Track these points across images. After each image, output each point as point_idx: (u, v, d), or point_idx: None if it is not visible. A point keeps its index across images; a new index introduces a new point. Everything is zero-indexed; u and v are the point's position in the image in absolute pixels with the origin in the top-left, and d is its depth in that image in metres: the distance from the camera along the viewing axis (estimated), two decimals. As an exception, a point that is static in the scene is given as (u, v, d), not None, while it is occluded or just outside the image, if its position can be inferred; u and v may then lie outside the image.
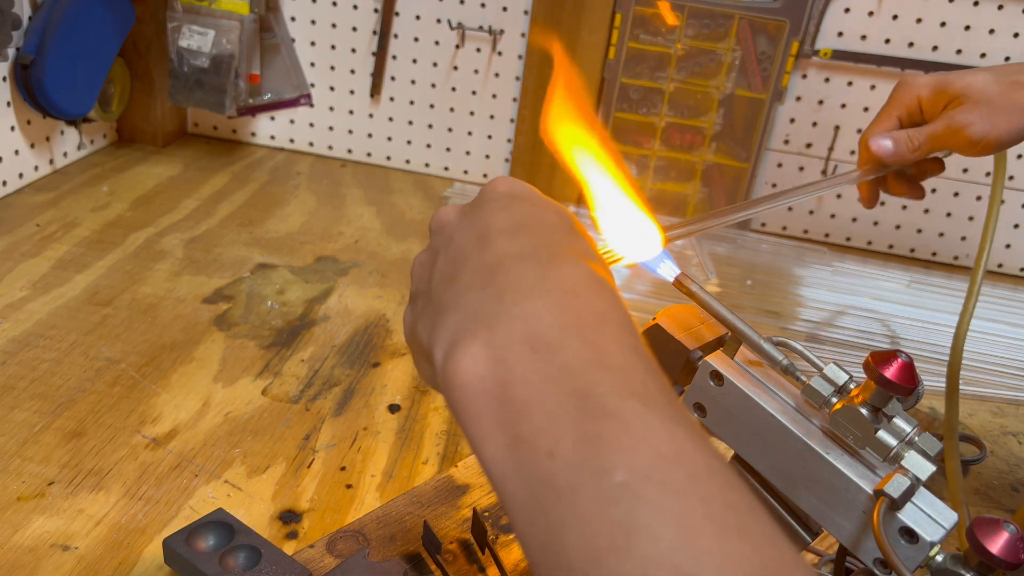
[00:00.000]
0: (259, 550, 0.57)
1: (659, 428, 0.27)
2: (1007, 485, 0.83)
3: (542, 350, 0.29)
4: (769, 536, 0.25)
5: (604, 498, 0.25)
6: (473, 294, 0.32)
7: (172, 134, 1.42)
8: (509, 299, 0.30)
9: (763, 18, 1.23)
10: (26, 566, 0.59)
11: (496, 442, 0.28)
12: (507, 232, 0.33)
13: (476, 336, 0.30)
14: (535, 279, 0.31)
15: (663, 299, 1.06)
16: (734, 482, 0.26)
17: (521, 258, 0.32)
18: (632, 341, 0.30)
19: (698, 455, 0.26)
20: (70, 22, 1.11)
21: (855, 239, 1.38)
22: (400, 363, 0.89)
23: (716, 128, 1.31)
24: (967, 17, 1.22)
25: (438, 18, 1.34)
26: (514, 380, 0.28)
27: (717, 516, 0.25)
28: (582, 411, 0.27)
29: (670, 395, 0.29)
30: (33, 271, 0.97)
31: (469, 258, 0.33)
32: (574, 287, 0.31)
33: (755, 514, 0.26)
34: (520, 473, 0.27)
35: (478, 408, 0.29)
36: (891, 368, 0.38)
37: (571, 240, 0.34)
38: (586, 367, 0.28)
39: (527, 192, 0.37)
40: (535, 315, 0.30)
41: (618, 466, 0.25)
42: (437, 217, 0.37)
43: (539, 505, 0.26)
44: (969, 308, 0.74)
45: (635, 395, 0.27)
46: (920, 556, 0.38)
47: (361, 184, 1.37)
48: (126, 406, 0.77)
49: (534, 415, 0.28)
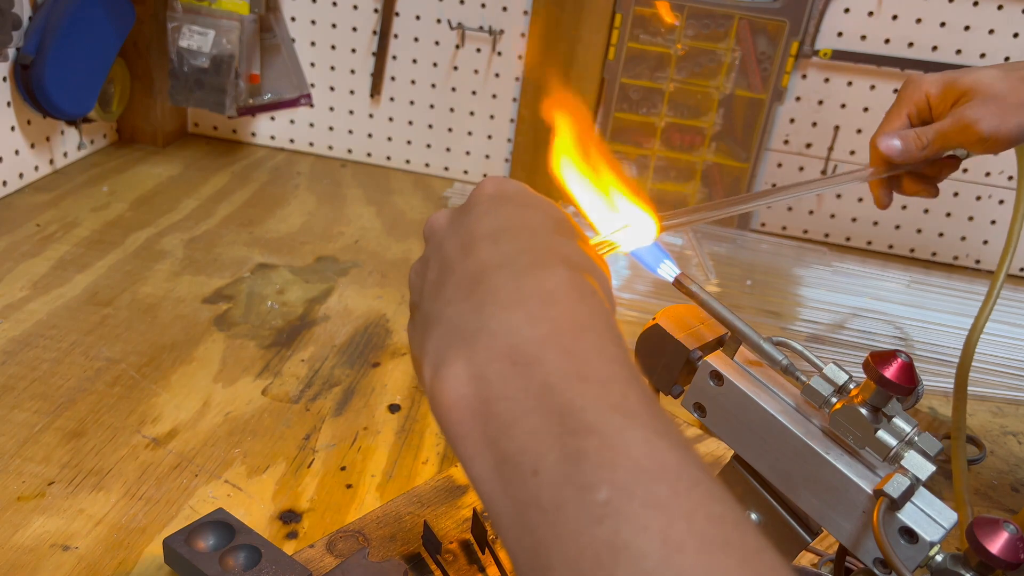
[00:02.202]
0: (259, 550, 0.57)
1: (640, 442, 0.27)
2: (1007, 485, 0.83)
3: (521, 365, 0.29)
4: (755, 549, 0.25)
5: (588, 516, 0.25)
6: (456, 307, 0.32)
7: (172, 134, 1.42)
8: (488, 312, 0.30)
9: (763, 18, 1.23)
10: (26, 566, 0.59)
11: (483, 461, 0.28)
12: (490, 238, 0.33)
13: (459, 353, 0.30)
14: (513, 289, 0.31)
15: (663, 299, 1.06)
16: (718, 493, 0.26)
17: (501, 267, 0.32)
18: (612, 349, 0.30)
19: (682, 467, 0.26)
20: (70, 22, 1.11)
21: (855, 239, 1.38)
22: (400, 363, 0.89)
23: (716, 128, 1.31)
24: (967, 17, 1.22)
25: (438, 18, 1.34)
26: (496, 397, 0.29)
27: (701, 531, 0.25)
28: (563, 428, 0.27)
29: (652, 405, 0.29)
30: (33, 271, 0.97)
31: (455, 268, 0.33)
32: (552, 295, 0.31)
33: (741, 526, 0.26)
34: (507, 492, 0.27)
35: (464, 428, 0.29)
36: (891, 368, 0.38)
37: (555, 242, 0.34)
38: (566, 381, 0.28)
39: (515, 192, 0.36)
40: (514, 328, 0.30)
41: (601, 483, 0.25)
42: (429, 223, 0.37)
43: (525, 524, 0.27)
44: (986, 311, 0.73)
45: (616, 408, 0.27)
46: (920, 556, 0.38)
47: (361, 184, 1.37)
48: (126, 406, 0.77)
49: (517, 433, 0.28)
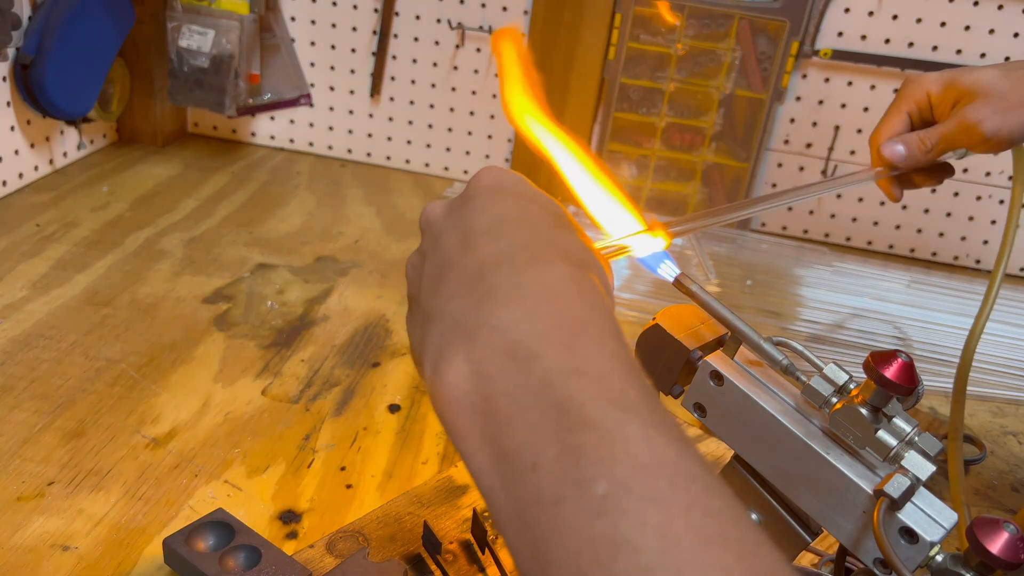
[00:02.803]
0: (259, 550, 0.57)
1: (639, 437, 0.27)
2: (1007, 485, 0.83)
3: (521, 360, 0.29)
4: (753, 543, 0.25)
5: (587, 511, 0.25)
6: (456, 303, 0.32)
7: (172, 134, 1.42)
8: (488, 308, 0.30)
9: (763, 18, 1.23)
10: (26, 566, 0.59)
11: (483, 456, 0.29)
12: (489, 233, 0.33)
13: (459, 349, 0.30)
14: (512, 285, 0.31)
15: (663, 299, 1.06)
16: (716, 488, 0.26)
17: (500, 263, 0.32)
18: (612, 344, 0.30)
19: (680, 462, 0.26)
20: (70, 22, 1.11)
21: (855, 239, 1.38)
22: (400, 363, 0.89)
23: (716, 128, 1.31)
24: (967, 17, 1.22)
25: (438, 18, 1.34)
26: (496, 393, 0.29)
27: (698, 525, 0.25)
28: (562, 423, 0.27)
29: (650, 399, 0.29)
30: (33, 271, 0.97)
31: (453, 264, 0.33)
32: (551, 291, 0.31)
33: (739, 521, 0.26)
34: (506, 487, 0.28)
35: (465, 424, 0.29)
36: (891, 368, 0.38)
37: (555, 236, 0.33)
38: (565, 376, 0.28)
39: (513, 183, 0.36)
40: (513, 324, 0.30)
41: (599, 478, 0.25)
42: (425, 214, 0.37)
43: (525, 519, 0.27)
44: (985, 311, 0.73)
45: (614, 403, 0.27)
46: (920, 556, 0.38)
47: (361, 184, 1.37)
48: (126, 406, 0.77)
49: (517, 429, 0.28)
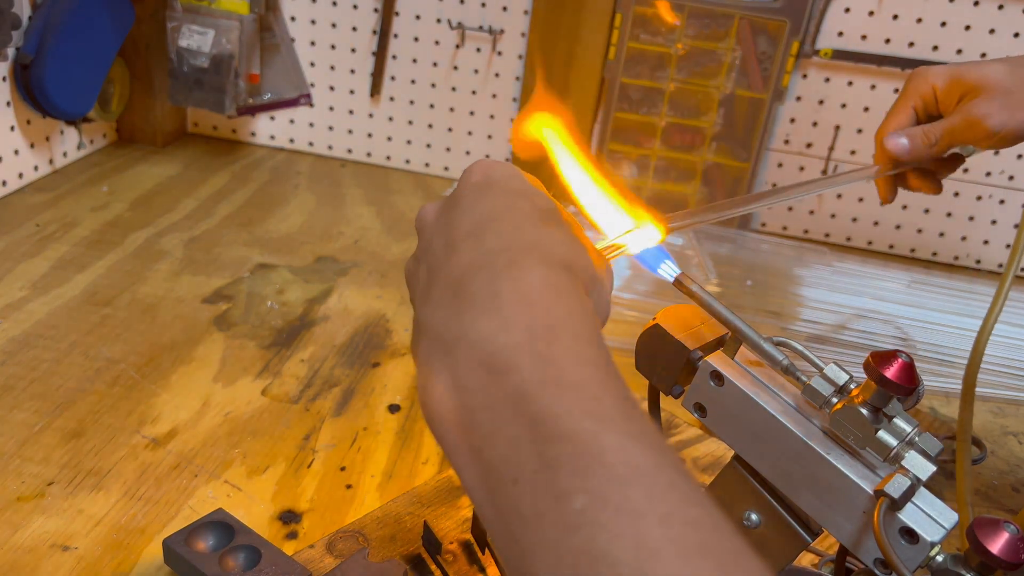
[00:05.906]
0: (259, 550, 0.57)
1: (615, 447, 0.26)
2: (1007, 485, 0.83)
3: (497, 373, 0.29)
4: (733, 552, 0.25)
5: (566, 525, 0.25)
6: (440, 313, 0.32)
7: (172, 134, 1.42)
8: (467, 319, 0.30)
9: (763, 18, 1.23)
10: (26, 566, 0.59)
11: (471, 471, 0.29)
12: (472, 235, 0.33)
13: (443, 364, 0.30)
14: (489, 294, 0.30)
15: (663, 299, 1.06)
16: (695, 496, 0.26)
17: (480, 269, 0.31)
18: (588, 351, 0.30)
19: (658, 471, 0.26)
20: (70, 22, 1.11)
21: (855, 239, 1.38)
22: (400, 363, 0.89)
23: (716, 128, 1.31)
24: (967, 17, 1.22)
25: (438, 18, 1.34)
26: (477, 407, 0.29)
27: (677, 536, 0.24)
28: (538, 435, 0.27)
29: (628, 407, 0.28)
30: (33, 271, 0.97)
31: (440, 270, 0.33)
32: (527, 298, 0.30)
33: (719, 530, 0.25)
34: (492, 501, 0.28)
35: (453, 438, 0.30)
36: (891, 368, 0.38)
37: (539, 235, 0.33)
38: (539, 387, 0.28)
39: (503, 177, 0.35)
40: (490, 336, 0.29)
41: (576, 491, 0.25)
42: (420, 216, 0.37)
43: (510, 532, 0.27)
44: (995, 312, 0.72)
45: (589, 414, 0.27)
46: (920, 556, 0.38)
47: (361, 184, 1.37)
48: (126, 406, 0.77)
49: (497, 443, 0.28)
